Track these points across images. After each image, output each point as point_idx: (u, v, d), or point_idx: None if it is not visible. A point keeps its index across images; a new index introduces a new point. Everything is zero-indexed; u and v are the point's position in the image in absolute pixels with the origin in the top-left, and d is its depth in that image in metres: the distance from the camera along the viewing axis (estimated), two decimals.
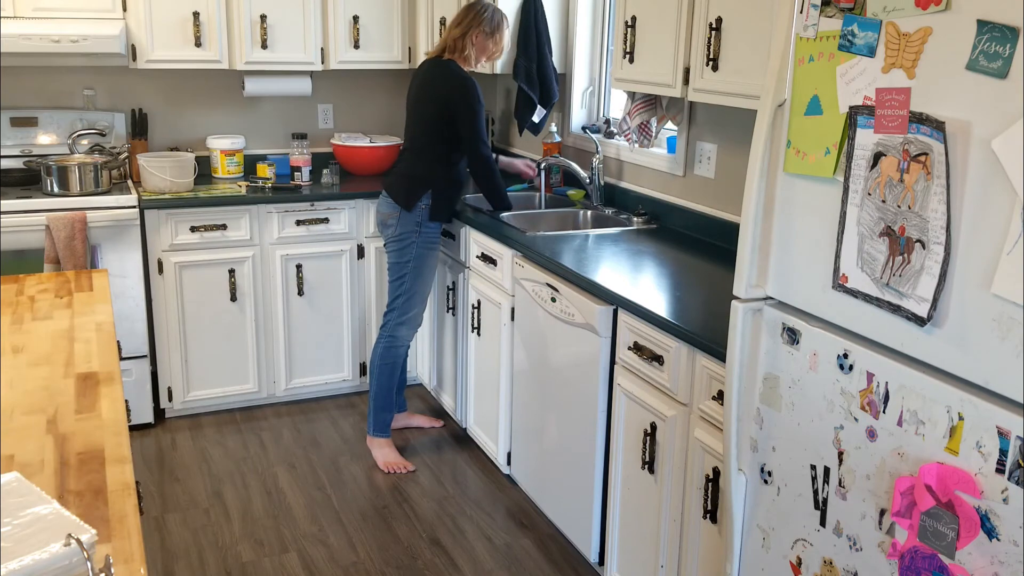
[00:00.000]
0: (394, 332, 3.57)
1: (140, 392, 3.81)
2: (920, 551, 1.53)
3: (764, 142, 1.79)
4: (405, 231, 3.47)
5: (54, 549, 1.16)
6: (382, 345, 3.58)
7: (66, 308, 2.38)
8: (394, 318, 3.56)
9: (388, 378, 3.59)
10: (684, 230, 3.32)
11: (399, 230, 3.47)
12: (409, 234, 3.47)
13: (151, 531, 3.12)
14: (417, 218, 3.45)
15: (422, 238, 3.49)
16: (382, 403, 3.61)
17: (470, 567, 2.95)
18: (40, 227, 3.51)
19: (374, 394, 3.61)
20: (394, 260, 3.53)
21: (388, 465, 3.57)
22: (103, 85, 4.11)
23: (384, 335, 3.58)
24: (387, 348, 3.57)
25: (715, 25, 2.60)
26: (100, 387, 1.88)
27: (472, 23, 3.45)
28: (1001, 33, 1.33)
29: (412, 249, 3.49)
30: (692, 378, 2.29)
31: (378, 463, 3.59)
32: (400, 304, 3.54)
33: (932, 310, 1.48)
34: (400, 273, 3.52)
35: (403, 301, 3.54)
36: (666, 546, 2.45)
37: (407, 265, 3.50)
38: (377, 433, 3.63)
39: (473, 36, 3.45)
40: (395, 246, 3.51)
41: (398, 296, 3.54)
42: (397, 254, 3.51)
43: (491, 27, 3.47)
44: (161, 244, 3.75)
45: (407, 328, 3.58)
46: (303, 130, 4.45)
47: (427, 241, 3.50)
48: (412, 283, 3.52)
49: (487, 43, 3.48)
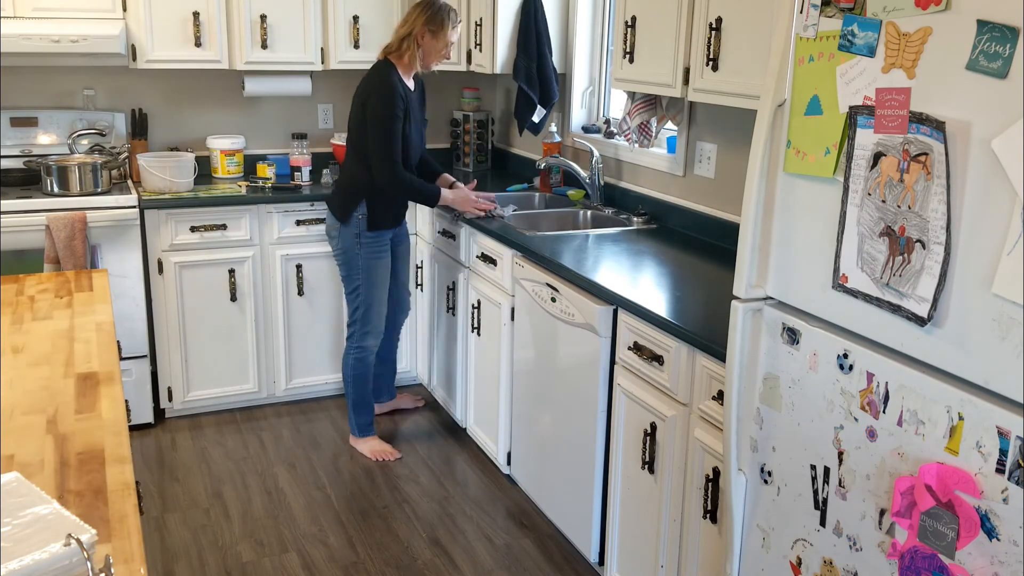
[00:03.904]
0: (361, 343, 3.56)
1: (140, 392, 3.81)
2: (920, 551, 1.53)
3: (764, 142, 1.80)
4: (346, 245, 3.43)
5: (54, 549, 1.16)
6: (352, 357, 3.57)
7: (66, 308, 2.38)
8: (358, 330, 3.55)
9: (363, 385, 3.61)
10: (684, 230, 3.32)
11: (340, 244, 3.45)
12: (351, 247, 3.43)
13: (151, 531, 3.12)
14: (355, 230, 3.40)
15: (365, 249, 3.43)
16: (361, 408, 3.64)
17: (470, 567, 2.95)
18: (40, 227, 3.51)
19: (353, 402, 3.64)
20: (344, 274, 3.52)
21: (376, 453, 3.63)
22: (103, 85, 4.11)
23: (352, 347, 3.57)
24: (357, 361, 3.57)
25: (715, 25, 2.60)
26: (100, 387, 1.88)
27: (416, 21, 3.30)
28: (1001, 33, 1.33)
29: (358, 261, 3.45)
30: (692, 378, 2.29)
31: (366, 455, 3.64)
32: (360, 316, 3.52)
33: (932, 310, 1.48)
34: (352, 286, 3.50)
35: (363, 313, 3.51)
36: (666, 546, 2.45)
37: (357, 278, 3.47)
38: (361, 434, 3.68)
39: (419, 36, 3.29)
40: (340, 259, 3.50)
41: (356, 308, 3.52)
42: (344, 267, 3.50)
43: (435, 25, 3.29)
44: (161, 244, 3.75)
45: (373, 337, 3.57)
46: (303, 130, 4.45)
47: (372, 251, 3.45)
48: (367, 294, 3.49)
49: (433, 42, 3.32)
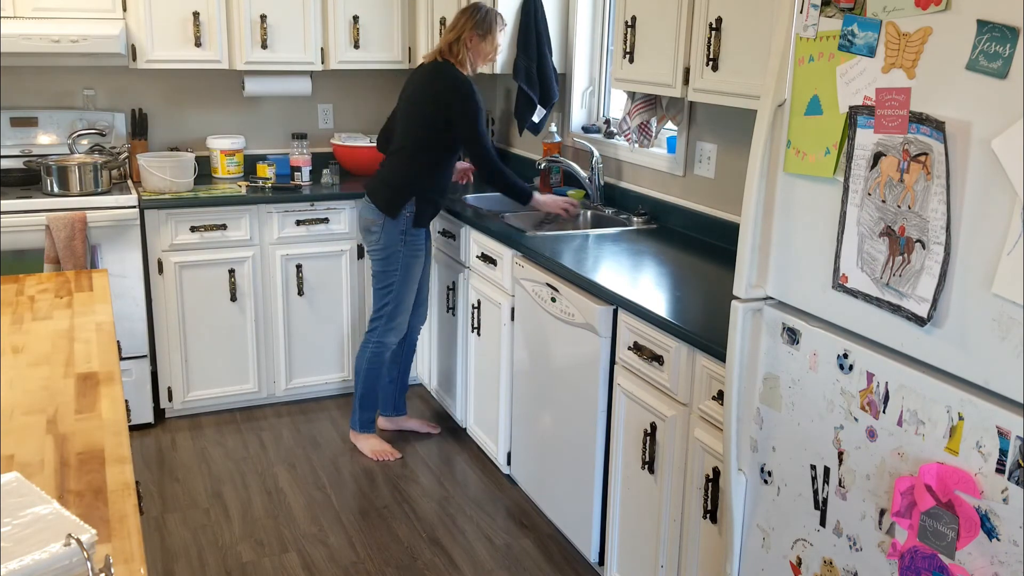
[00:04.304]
0: (382, 339, 3.56)
1: (140, 392, 3.81)
2: (920, 551, 1.53)
3: (764, 142, 1.79)
4: (390, 240, 3.44)
5: (54, 549, 1.16)
6: (369, 350, 3.58)
7: (66, 308, 2.38)
8: (382, 325, 3.54)
9: (374, 380, 3.62)
10: (684, 230, 3.32)
11: (384, 240, 3.44)
12: (394, 243, 3.44)
13: (151, 531, 3.12)
14: (402, 226, 3.42)
15: (408, 247, 3.45)
16: (368, 403, 3.66)
17: (470, 567, 2.95)
18: (40, 227, 3.51)
19: (360, 395, 3.64)
20: (380, 269, 3.50)
21: (376, 453, 3.63)
22: (103, 85, 4.11)
23: (372, 341, 3.57)
24: (374, 354, 3.57)
25: (715, 25, 2.60)
26: (100, 387, 1.88)
27: (465, 26, 3.41)
28: (1001, 33, 1.33)
29: (399, 258, 3.46)
30: (692, 378, 2.29)
31: (365, 453, 3.66)
32: (388, 312, 3.52)
33: (932, 310, 1.48)
34: (387, 282, 3.49)
35: (391, 309, 3.52)
36: (666, 546, 2.45)
37: (394, 274, 3.48)
38: (363, 429, 3.69)
39: (468, 40, 3.40)
40: (380, 255, 3.48)
41: (386, 304, 3.52)
42: (383, 263, 3.48)
43: (484, 29, 3.42)
44: (161, 244, 3.75)
45: (395, 335, 3.58)
46: (303, 130, 4.45)
47: (413, 249, 3.47)
48: (399, 291, 3.50)
49: (481, 45, 3.44)
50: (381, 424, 3.89)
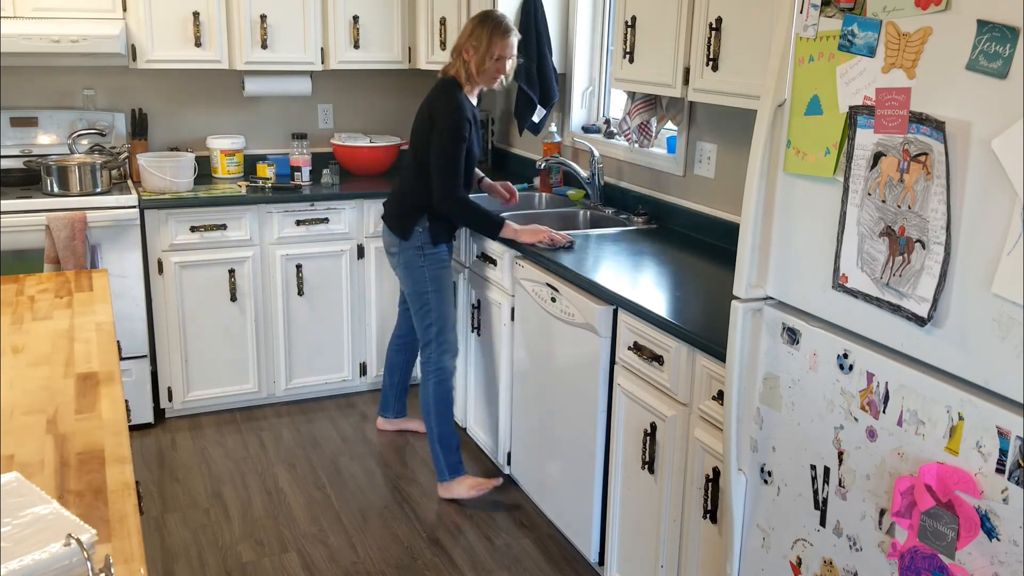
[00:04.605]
0: (440, 364, 3.28)
1: (140, 392, 3.81)
2: (920, 551, 1.53)
3: (764, 142, 1.80)
4: (409, 259, 3.25)
5: (54, 549, 1.16)
6: (432, 383, 3.27)
7: (66, 308, 2.38)
8: (434, 350, 3.27)
9: (448, 415, 3.29)
10: (684, 230, 3.32)
11: (403, 259, 3.26)
12: (414, 261, 3.24)
13: (151, 531, 3.12)
14: (417, 243, 3.22)
15: (429, 260, 3.24)
16: (448, 443, 3.28)
17: (470, 567, 2.95)
18: (40, 227, 3.51)
19: (438, 437, 3.27)
20: (411, 290, 3.28)
21: (478, 487, 3.31)
22: (103, 85, 4.11)
23: (431, 371, 3.27)
24: (439, 384, 3.28)
25: (715, 25, 2.60)
26: (100, 387, 1.88)
27: (461, 37, 3.16)
28: (1001, 33, 1.33)
29: (424, 274, 3.24)
30: (692, 378, 2.29)
31: (465, 496, 3.31)
32: (435, 334, 3.26)
33: (932, 310, 1.48)
34: (422, 302, 3.26)
35: (437, 330, 3.27)
36: (666, 546, 2.45)
37: (426, 293, 3.25)
38: (453, 475, 3.31)
39: (464, 52, 3.12)
40: (405, 274, 3.29)
41: (429, 326, 3.27)
42: (411, 283, 3.28)
43: (478, 39, 3.10)
44: (161, 244, 3.75)
45: (451, 356, 3.30)
46: (303, 130, 4.45)
47: (435, 261, 3.26)
48: (438, 307, 3.26)
49: (477, 58, 3.10)
50: (380, 425, 3.88)
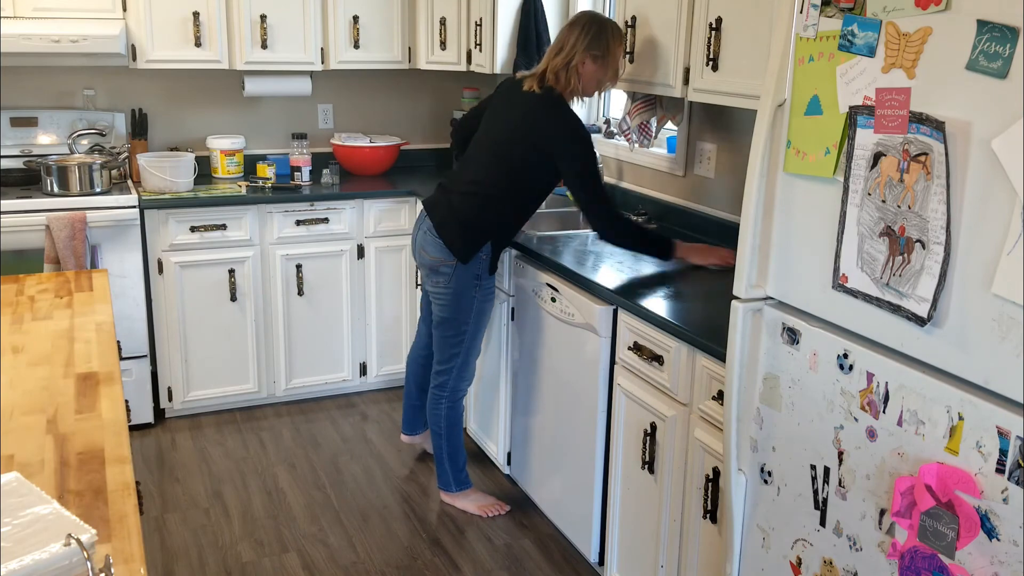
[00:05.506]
0: (457, 387, 3.16)
1: (140, 392, 3.81)
2: (920, 551, 1.53)
3: (764, 142, 1.80)
4: (462, 286, 2.98)
5: (54, 549, 1.16)
6: (446, 405, 3.16)
7: (66, 308, 2.38)
8: (454, 376, 3.14)
9: (459, 433, 3.22)
10: (684, 230, 3.32)
11: (455, 284, 2.98)
12: (467, 289, 2.99)
13: (151, 531, 3.12)
14: (476, 270, 2.97)
15: (483, 292, 3.02)
16: (457, 459, 3.25)
17: (470, 567, 2.94)
18: (40, 227, 3.51)
19: (447, 453, 3.22)
20: (448, 315, 3.04)
21: (484, 508, 3.25)
22: (103, 85, 4.11)
23: (444, 394, 3.16)
24: (452, 406, 3.17)
25: (715, 25, 2.60)
26: (100, 387, 1.88)
27: (575, 47, 2.84)
28: (1001, 33, 1.33)
29: (472, 304, 3.02)
30: (692, 378, 2.29)
31: (471, 511, 3.26)
32: (460, 363, 3.11)
33: (932, 310, 1.48)
34: (458, 329, 3.05)
35: (462, 360, 3.11)
36: (666, 546, 2.45)
37: (466, 324, 3.04)
38: (459, 488, 3.28)
39: (579, 65, 2.84)
40: (448, 300, 3.01)
41: (456, 354, 3.09)
42: (452, 309, 3.02)
43: (600, 49, 2.84)
44: (161, 244, 3.75)
45: (467, 381, 3.19)
46: (303, 130, 4.45)
47: (488, 294, 3.04)
48: (472, 341, 3.09)
49: (595, 71, 2.87)
50: (409, 440, 3.67)
